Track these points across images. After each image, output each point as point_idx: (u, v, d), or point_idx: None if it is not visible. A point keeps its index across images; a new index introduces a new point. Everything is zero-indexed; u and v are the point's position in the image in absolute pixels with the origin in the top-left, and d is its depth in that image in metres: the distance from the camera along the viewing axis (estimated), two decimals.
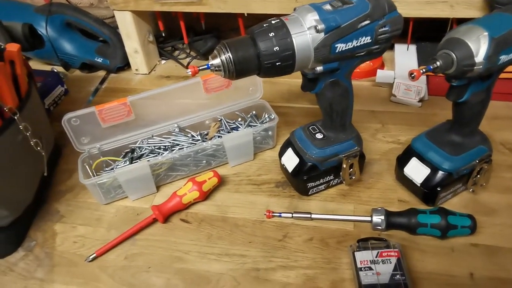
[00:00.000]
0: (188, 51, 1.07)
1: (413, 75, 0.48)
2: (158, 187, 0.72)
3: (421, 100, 0.83)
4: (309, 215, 0.63)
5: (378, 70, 0.86)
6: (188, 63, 1.04)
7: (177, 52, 1.10)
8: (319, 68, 0.53)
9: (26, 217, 0.66)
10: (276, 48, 0.49)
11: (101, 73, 1.06)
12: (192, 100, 0.76)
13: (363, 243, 0.58)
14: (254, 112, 0.79)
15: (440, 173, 0.61)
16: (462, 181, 0.64)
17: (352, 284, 0.56)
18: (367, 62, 0.90)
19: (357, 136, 0.66)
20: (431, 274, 0.56)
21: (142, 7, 0.90)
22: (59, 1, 1.06)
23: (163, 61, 1.08)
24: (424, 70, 0.48)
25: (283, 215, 0.64)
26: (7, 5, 1.01)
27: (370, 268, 0.54)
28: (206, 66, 0.49)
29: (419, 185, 0.63)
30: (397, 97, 0.84)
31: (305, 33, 0.49)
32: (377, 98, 0.88)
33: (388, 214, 0.60)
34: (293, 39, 0.49)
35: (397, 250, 0.56)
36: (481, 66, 0.48)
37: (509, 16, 0.50)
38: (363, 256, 0.56)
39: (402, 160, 0.66)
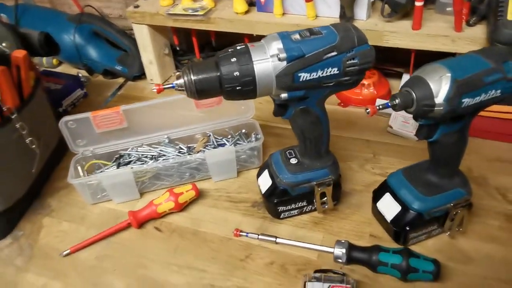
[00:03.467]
0: None
1: (368, 111, 0.47)
2: (142, 194, 0.76)
3: None
4: (274, 239, 0.63)
5: (378, 100, 0.85)
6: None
7: None
8: (284, 95, 0.53)
9: (18, 209, 0.72)
10: (237, 73, 0.50)
11: (121, 80, 1.13)
12: (184, 114, 0.79)
13: (319, 274, 0.57)
14: (244, 130, 0.81)
15: (410, 213, 0.59)
16: (437, 223, 0.61)
17: None
18: (371, 89, 0.89)
19: (333, 165, 0.65)
20: None
21: (156, 21, 0.95)
22: (91, 11, 1.15)
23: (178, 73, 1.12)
24: (380, 106, 0.48)
25: (249, 235, 0.65)
26: (43, 13, 1.11)
27: None
28: (171, 85, 0.52)
29: (389, 222, 0.61)
30: (393, 128, 0.82)
31: (267, 61, 0.51)
32: (375, 127, 0.86)
33: (351, 248, 0.59)
34: (255, 65, 0.50)
35: (349, 286, 0.54)
36: (441, 108, 0.47)
37: (479, 59, 0.48)
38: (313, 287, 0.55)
39: (377, 194, 0.64)
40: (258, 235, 0.65)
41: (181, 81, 0.51)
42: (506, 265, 0.59)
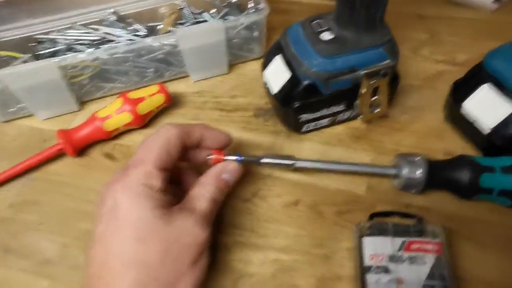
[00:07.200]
0: None
1: None
2: (83, 104, 0.49)
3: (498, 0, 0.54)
4: (290, 162, 0.39)
5: None
6: None
7: None
8: None
9: None
10: None
11: None
12: None
13: (380, 224, 0.34)
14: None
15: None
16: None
17: (351, 286, 0.33)
18: None
19: (391, 42, 0.39)
20: (491, 285, 0.33)
21: None
22: None
23: None
24: None
25: (228, 157, 0.38)
26: None
27: (387, 270, 0.31)
28: None
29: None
30: None
31: None
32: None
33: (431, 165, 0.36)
34: None
35: (439, 242, 0.32)
36: None
37: None
38: (377, 246, 0.32)
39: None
40: (242, 157, 0.38)
41: None
42: None
